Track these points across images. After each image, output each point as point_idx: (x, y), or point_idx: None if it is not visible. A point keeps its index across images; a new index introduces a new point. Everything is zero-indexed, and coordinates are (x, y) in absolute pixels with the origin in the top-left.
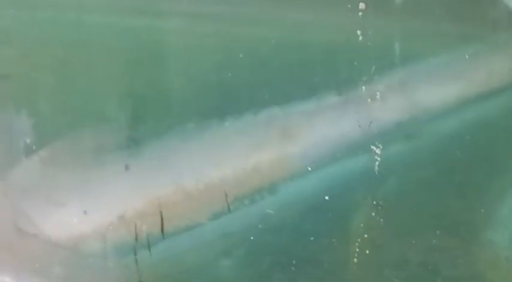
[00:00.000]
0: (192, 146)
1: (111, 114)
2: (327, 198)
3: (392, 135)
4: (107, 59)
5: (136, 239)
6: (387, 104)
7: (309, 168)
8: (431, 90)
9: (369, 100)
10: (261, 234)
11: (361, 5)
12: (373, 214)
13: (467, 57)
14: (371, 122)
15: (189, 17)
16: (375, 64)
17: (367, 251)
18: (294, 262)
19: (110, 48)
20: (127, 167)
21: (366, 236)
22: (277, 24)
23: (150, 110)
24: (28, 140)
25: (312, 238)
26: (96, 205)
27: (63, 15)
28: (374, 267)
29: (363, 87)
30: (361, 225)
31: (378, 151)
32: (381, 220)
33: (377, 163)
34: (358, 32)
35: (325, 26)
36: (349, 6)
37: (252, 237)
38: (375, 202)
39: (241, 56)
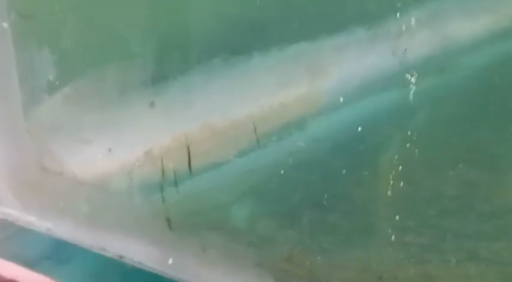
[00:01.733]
0: (218, 82)
1: (135, 50)
2: (359, 129)
3: (425, 68)
4: None
5: (163, 175)
6: (418, 36)
7: (341, 99)
8: (463, 23)
9: (400, 33)
10: (290, 170)
11: None
12: (408, 145)
13: None
14: (405, 50)
15: None
16: None
17: (401, 184)
18: (324, 198)
19: None
20: (152, 104)
21: (399, 168)
22: None
23: (175, 45)
24: (51, 77)
25: (343, 172)
26: (121, 142)
27: None
28: (407, 201)
29: (393, 21)
30: (395, 157)
31: (412, 80)
32: (416, 152)
33: (412, 92)
34: None
35: None
36: None
37: (281, 172)
38: (409, 133)
39: None
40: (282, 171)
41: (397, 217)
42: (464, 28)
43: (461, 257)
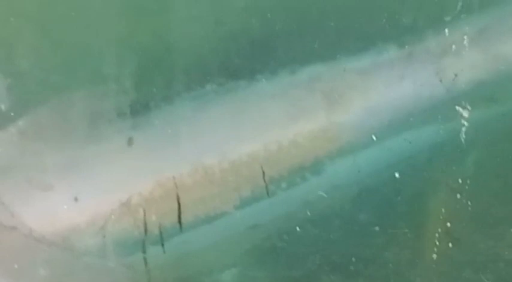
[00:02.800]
0: (214, 113)
1: (109, 72)
2: (397, 175)
3: (474, 98)
4: (104, 2)
5: (145, 231)
6: (463, 58)
7: (370, 136)
8: None
9: (441, 53)
10: (306, 225)
11: None
12: (458, 196)
13: None
14: (456, 75)
15: None
16: (449, 8)
17: (449, 245)
18: (350, 261)
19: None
20: (130, 141)
21: (447, 225)
22: None
23: (159, 66)
24: (3, 106)
25: (374, 229)
26: (91, 189)
27: None
28: (457, 266)
29: (433, 38)
30: (441, 211)
31: (465, 114)
32: (467, 204)
33: (462, 128)
34: None
35: None
36: None
37: (295, 228)
38: (459, 181)
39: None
40: (295, 227)
41: None
42: None
43: None
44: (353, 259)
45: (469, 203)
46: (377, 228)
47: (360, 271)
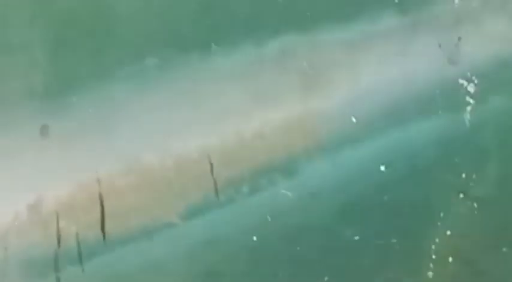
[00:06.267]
0: (155, 96)
1: (20, 41)
2: (382, 168)
3: (487, 71)
4: None
5: (58, 243)
6: (478, 25)
7: (353, 119)
8: None
9: (451, 21)
10: (270, 238)
11: None
12: (461, 196)
13: None
14: (459, 38)
15: None
16: None
17: (449, 260)
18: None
19: None
20: (45, 129)
21: (447, 234)
22: None
23: (82, 36)
24: None
25: (354, 239)
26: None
27: None
28: None
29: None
30: (440, 216)
31: (470, 88)
32: (474, 208)
33: (469, 109)
34: None
35: None
36: None
37: (255, 242)
38: (463, 176)
39: None
40: (255, 239)
41: None
42: None
43: None
44: (326, 279)
45: (476, 205)
46: (357, 237)
47: None
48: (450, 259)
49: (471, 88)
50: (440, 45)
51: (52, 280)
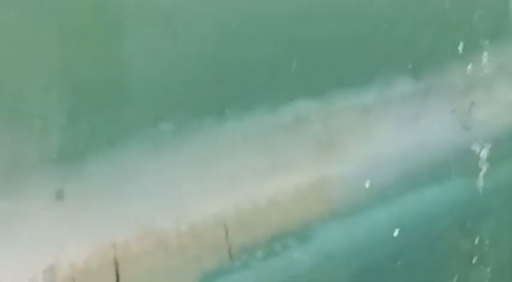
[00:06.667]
0: (168, 160)
1: (36, 107)
2: (395, 234)
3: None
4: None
5: None
6: (491, 94)
7: (367, 185)
8: None
9: (464, 87)
10: None
11: None
12: (474, 261)
13: None
14: (472, 103)
15: None
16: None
17: None
18: None
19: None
20: (60, 194)
21: None
22: None
23: (99, 102)
24: None
25: None
26: (6, 254)
27: None
28: None
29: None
30: (453, 280)
31: (483, 154)
32: (488, 277)
33: (481, 174)
34: None
35: None
36: None
37: None
38: (477, 241)
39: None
40: None
41: None
42: None
43: None
44: None
45: (486, 269)
46: None
47: None
48: None
49: (484, 153)
50: (453, 111)
51: None
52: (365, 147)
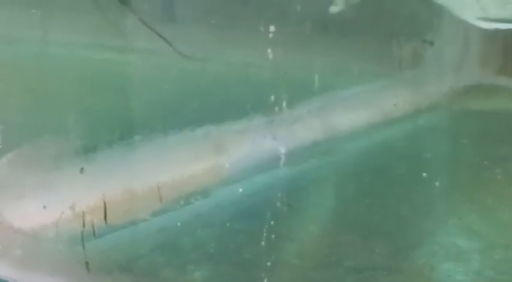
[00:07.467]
0: (139, 154)
1: (71, 125)
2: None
3: (310, 152)
4: (70, 83)
5: (83, 227)
6: (306, 125)
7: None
8: (344, 116)
9: (291, 122)
10: (195, 230)
11: None
12: (285, 209)
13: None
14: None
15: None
16: (298, 92)
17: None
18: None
19: (72, 75)
20: (82, 170)
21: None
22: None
23: (104, 124)
24: None
25: (241, 236)
26: (53, 200)
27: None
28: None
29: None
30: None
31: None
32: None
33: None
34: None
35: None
36: None
37: (187, 231)
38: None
39: (182, 85)
40: (187, 231)
41: None
42: (346, 120)
43: None
44: (211, 248)
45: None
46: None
47: (224, 260)
48: None
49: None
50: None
51: (80, 246)
52: (239, 150)
